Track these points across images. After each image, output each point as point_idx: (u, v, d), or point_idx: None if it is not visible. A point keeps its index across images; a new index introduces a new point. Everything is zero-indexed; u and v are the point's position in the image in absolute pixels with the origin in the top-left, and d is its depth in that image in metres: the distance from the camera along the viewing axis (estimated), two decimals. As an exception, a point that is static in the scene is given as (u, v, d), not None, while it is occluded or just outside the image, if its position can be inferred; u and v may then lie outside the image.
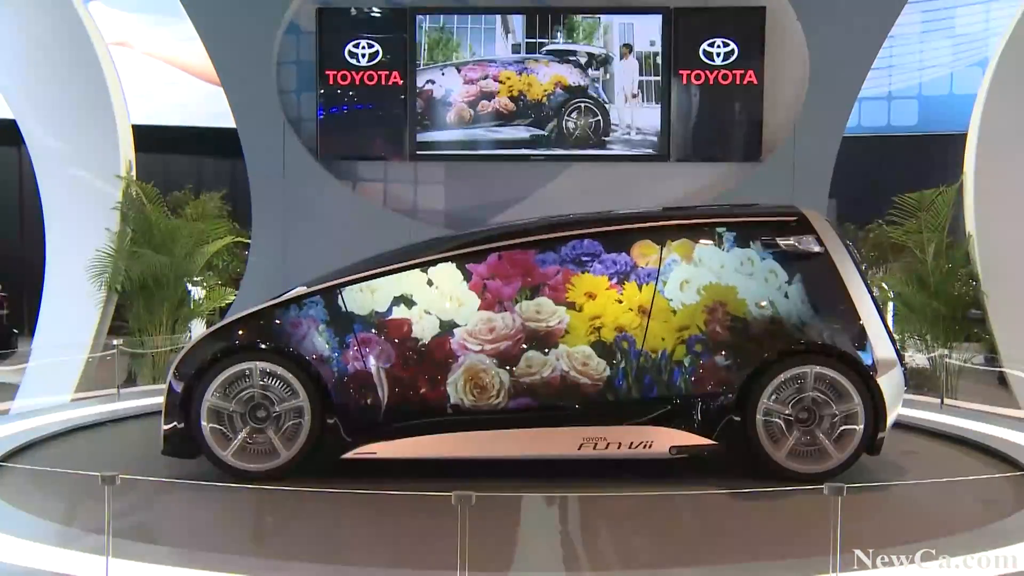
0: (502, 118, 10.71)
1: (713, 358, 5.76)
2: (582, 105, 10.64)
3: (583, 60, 10.60)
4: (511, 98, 10.65)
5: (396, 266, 5.98)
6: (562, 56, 10.61)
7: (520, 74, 10.68)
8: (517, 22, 10.80)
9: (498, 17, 10.83)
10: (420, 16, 10.89)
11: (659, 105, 10.65)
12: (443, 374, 5.73)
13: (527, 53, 10.68)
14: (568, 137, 10.61)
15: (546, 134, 10.62)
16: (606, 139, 10.70)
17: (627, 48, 10.52)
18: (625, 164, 10.93)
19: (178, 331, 11.09)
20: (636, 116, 10.74)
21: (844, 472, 5.66)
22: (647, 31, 10.76)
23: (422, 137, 10.95)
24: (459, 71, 10.79)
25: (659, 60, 10.65)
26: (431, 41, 10.84)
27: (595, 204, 9.55)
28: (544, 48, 10.60)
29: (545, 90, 10.63)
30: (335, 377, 5.73)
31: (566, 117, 10.57)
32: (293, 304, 5.89)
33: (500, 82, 10.69)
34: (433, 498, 4.38)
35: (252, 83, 10.99)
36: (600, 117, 10.62)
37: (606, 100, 10.65)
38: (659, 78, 10.66)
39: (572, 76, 10.66)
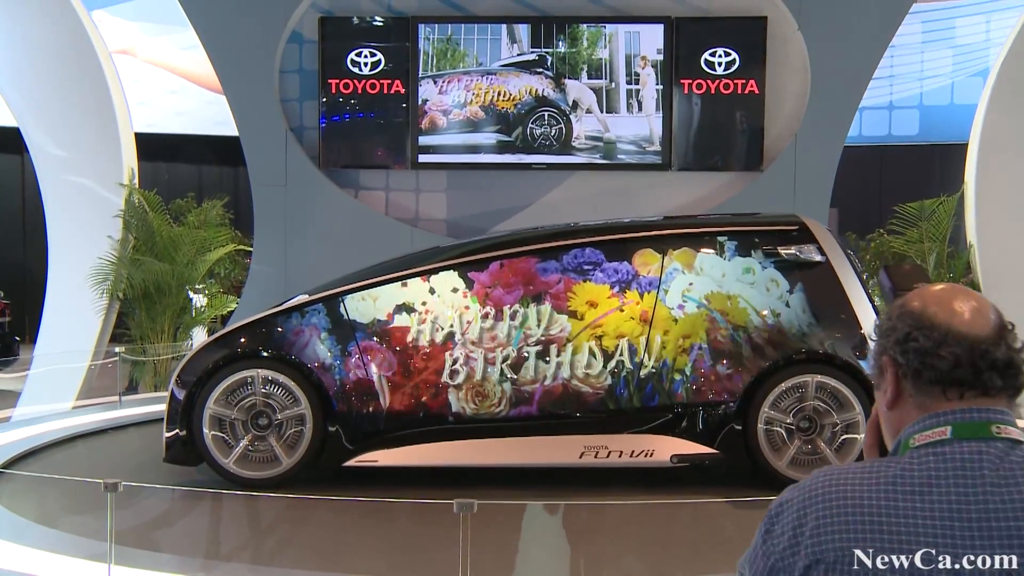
0: (472, 125, 10.78)
1: (714, 367, 5.76)
2: (545, 113, 10.70)
3: (548, 71, 10.71)
4: (482, 107, 10.73)
5: (398, 274, 5.99)
6: (530, 67, 10.71)
7: (491, 84, 10.75)
8: (523, 32, 10.82)
9: (503, 27, 10.85)
10: (425, 26, 10.91)
11: (621, 114, 10.72)
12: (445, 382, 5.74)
13: (500, 64, 10.76)
14: (532, 143, 10.70)
15: (512, 140, 10.71)
16: (573, 146, 10.76)
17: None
18: (626, 173, 10.94)
19: (180, 339, 11.10)
20: (597, 124, 10.80)
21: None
22: (651, 40, 10.78)
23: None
24: (435, 82, 10.84)
25: (635, 70, 10.69)
26: (438, 52, 10.87)
27: (596, 213, 9.59)
28: (501, 62, 10.69)
29: (514, 99, 10.71)
30: (337, 385, 5.73)
31: (531, 124, 10.66)
32: (295, 312, 5.90)
33: (473, 92, 10.75)
34: (435, 506, 4.38)
35: (254, 91, 11.00)
36: (563, 125, 10.69)
37: (568, 109, 10.71)
38: (636, 87, 10.71)
39: (540, 86, 10.74)
